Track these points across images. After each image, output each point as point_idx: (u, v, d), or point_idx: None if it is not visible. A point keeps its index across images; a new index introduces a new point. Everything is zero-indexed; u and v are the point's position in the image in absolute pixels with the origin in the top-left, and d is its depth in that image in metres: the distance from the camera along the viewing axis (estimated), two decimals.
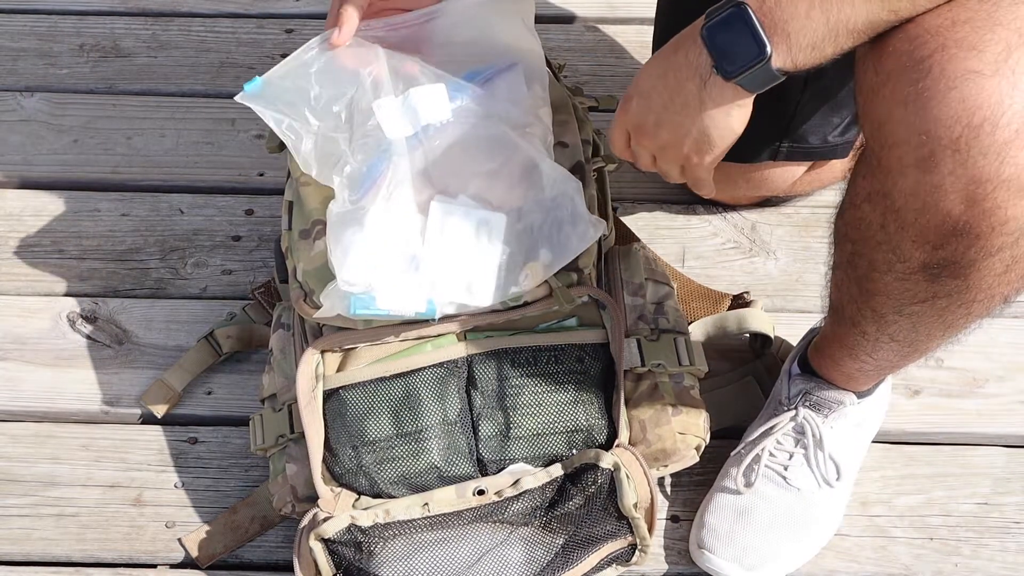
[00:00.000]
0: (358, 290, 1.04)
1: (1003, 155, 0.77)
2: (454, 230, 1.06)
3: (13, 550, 1.18)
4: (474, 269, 1.06)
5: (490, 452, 1.09)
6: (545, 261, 1.07)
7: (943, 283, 0.88)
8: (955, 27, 0.79)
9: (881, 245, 0.89)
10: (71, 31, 1.65)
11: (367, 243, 1.03)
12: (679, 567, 1.17)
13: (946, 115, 0.78)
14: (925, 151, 0.80)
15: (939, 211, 0.81)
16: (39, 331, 1.33)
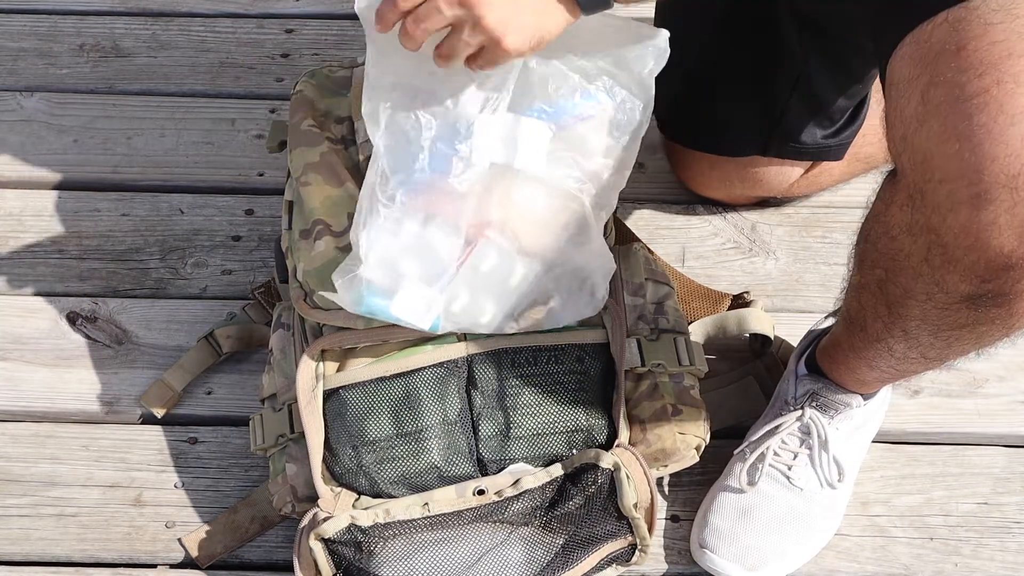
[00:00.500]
0: (377, 285, 1.03)
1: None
2: (490, 270, 1.05)
3: (13, 550, 1.18)
4: (491, 307, 1.06)
5: (490, 452, 1.09)
6: (550, 311, 1.08)
7: (986, 311, 0.86)
8: (1012, 59, 0.77)
9: (922, 277, 0.88)
10: (71, 31, 1.65)
11: (399, 245, 1.03)
12: (679, 567, 1.17)
13: (1004, 153, 0.77)
14: (980, 188, 0.78)
15: (991, 248, 0.80)
16: (39, 331, 1.33)
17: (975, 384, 1.29)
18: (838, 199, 1.44)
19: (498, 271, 1.05)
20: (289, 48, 1.64)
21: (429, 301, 1.05)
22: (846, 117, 1.28)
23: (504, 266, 1.05)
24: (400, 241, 1.03)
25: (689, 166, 1.41)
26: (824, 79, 1.22)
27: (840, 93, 1.24)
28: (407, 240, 1.03)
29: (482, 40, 0.88)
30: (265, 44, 1.64)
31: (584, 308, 1.10)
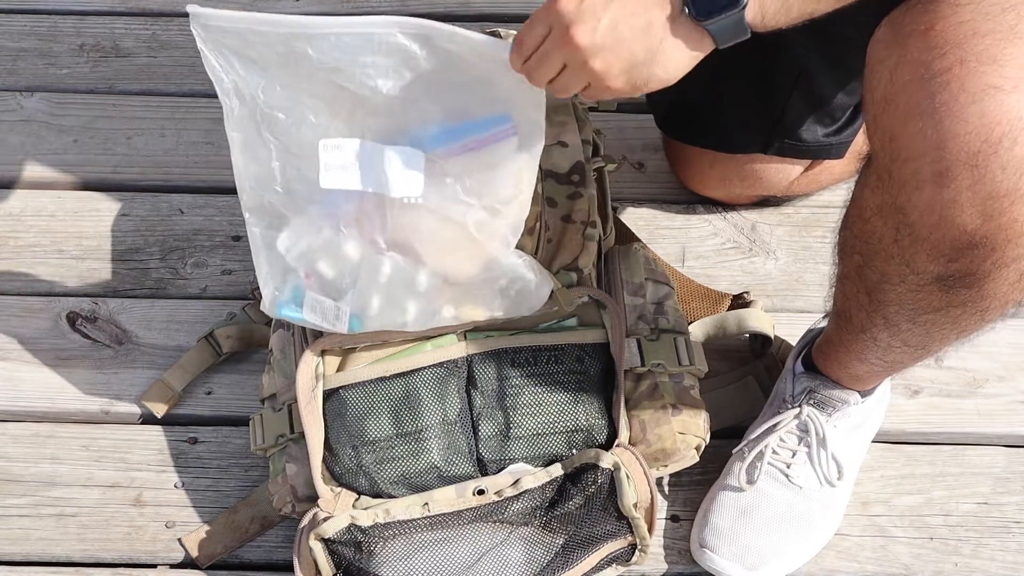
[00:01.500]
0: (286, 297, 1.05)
1: (1021, 170, 0.77)
2: (389, 279, 1.04)
3: (13, 550, 1.18)
4: (412, 306, 1.06)
5: (490, 452, 1.09)
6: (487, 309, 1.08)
7: (957, 293, 0.87)
8: (976, 39, 0.78)
9: (893, 258, 0.89)
10: (71, 31, 1.65)
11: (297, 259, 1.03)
12: (679, 567, 1.17)
13: (964, 130, 0.77)
14: (942, 166, 0.79)
15: (955, 225, 0.81)
16: (39, 331, 1.33)
17: (975, 384, 1.29)
18: (838, 199, 1.44)
19: (399, 279, 1.04)
20: None
21: (335, 309, 1.05)
22: (847, 115, 1.28)
23: (404, 276, 1.04)
24: (298, 251, 1.03)
25: (689, 165, 1.41)
26: (825, 76, 1.23)
27: (841, 90, 1.24)
28: (306, 249, 1.03)
29: (589, 80, 0.87)
30: None
31: (522, 308, 1.09)
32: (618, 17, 0.83)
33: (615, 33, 0.83)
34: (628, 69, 0.85)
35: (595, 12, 0.83)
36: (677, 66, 0.86)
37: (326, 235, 1.02)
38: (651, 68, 0.85)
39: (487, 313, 1.08)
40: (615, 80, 0.86)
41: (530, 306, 1.09)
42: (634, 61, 0.84)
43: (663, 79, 0.86)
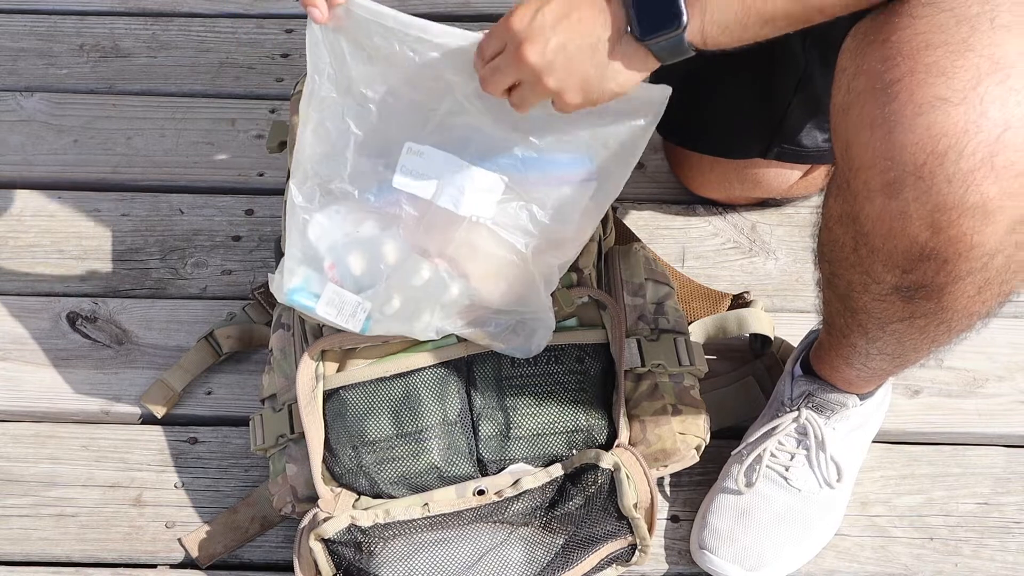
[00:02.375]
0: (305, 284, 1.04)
1: (967, 183, 0.77)
2: (423, 284, 1.05)
3: (13, 550, 1.18)
4: (426, 316, 1.06)
5: (490, 452, 1.09)
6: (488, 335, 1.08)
7: (918, 304, 0.88)
8: (928, 50, 0.78)
9: (855, 267, 0.89)
10: (71, 31, 1.65)
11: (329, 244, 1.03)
12: (679, 567, 1.16)
13: (911, 141, 0.77)
14: (890, 176, 0.79)
15: (905, 236, 0.81)
16: (39, 331, 1.33)
17: (975, 384, 1.29)
18: None
19: (431, 287, 1.05)
20: (289, 48, 1.64)
21: (356, 305, 1.05)
22: None
23: (437, 284, 1.05)
24: (330, 240, 1.03)
25: (689, 167, 1.41)
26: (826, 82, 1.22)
27: None
28: (339, 241, 1.03)
29: (546, 96, 0.89)
30: (265, 44, 1.64)
31: (516, 350, 1.09)
32: (566, 37, 0.85)
33: (564, 52, 0.85)
34: (582, 86, 0.87)
35: (544, 32, 0.85)
36: (628, 79, 0.88)
37: (368, 230, 1.03)
38: (603, 83, 0.87)
39: (489, 341, 1.09)
40: (572, 96, 0.88)
41: (527, 351, 1.09)
42: (586, 78, 0.87)
43: (617, 92, 0.88)
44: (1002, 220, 0.78)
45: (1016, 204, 0.77)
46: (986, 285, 0.85)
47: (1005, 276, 0.84)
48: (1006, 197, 0.77)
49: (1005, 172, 0.76)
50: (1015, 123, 0.76)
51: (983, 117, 0.76)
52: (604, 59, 0.86)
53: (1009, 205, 0.77)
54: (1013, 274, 0.85)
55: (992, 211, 0.77)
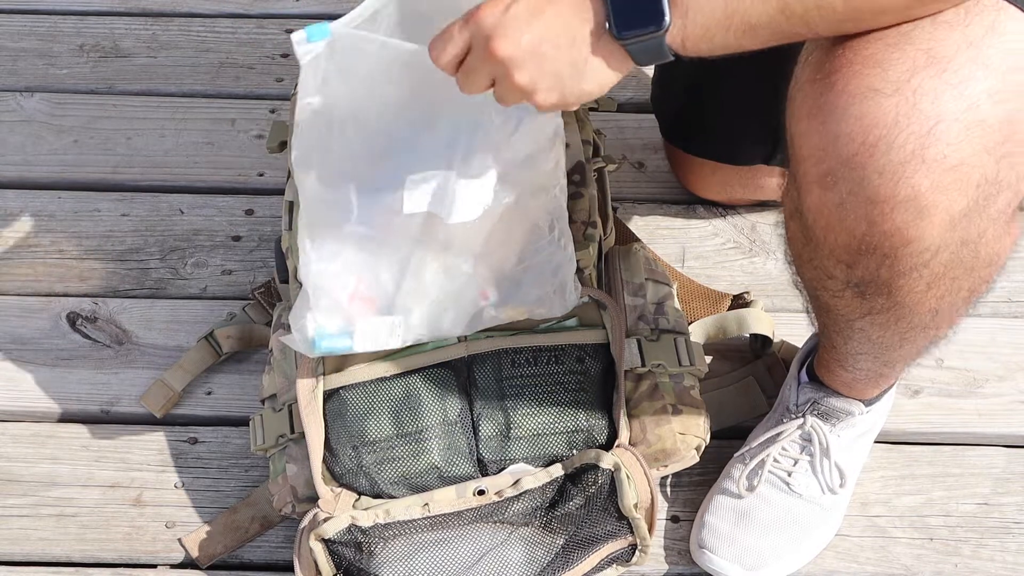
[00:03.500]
0: (332, 330, 1.03)
1: (898, 176, 0.76)
2: (430, 270, 1.05)
3: (13, 550, 1.18)
4: (447, 304, 1.06)
5: (490, 452, 1.09)
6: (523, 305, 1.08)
7: (872, 300, 0.87)
8: (867, 43, 0.77)
9: (809, 263, 0.89)
10: (71, 31, 1.65)
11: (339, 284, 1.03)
12: (679, 567, 1.16)
13: (843, 131, 0.77)
14: (824, 167, 0.79)
15: (843, 230, 0.81)
16: (39, 331, 1.33)
17: (975, 384, 1.29)
18: None
19: (440, 275, 1.04)
20: (289, 48, 1.61)
21: (389, 325, 1.05)
22: None
23: (444, 261, 1.04)
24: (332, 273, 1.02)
25: (691, 170, 1.41)
26: None
27: None
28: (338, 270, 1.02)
29: (518, 94, 0.84)
30: (265, 44, 1.64)
31: (555, 307, 1.08)
32: (541, 32, 0.80)
33: (538, 48, 0.80)
34: (556, 85, 0.82)
35: (517, 25, 0.80)
36: (604, 80, 0.83)
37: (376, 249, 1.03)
38: (579, 83, 0.82)
39: (526, 312, 1.08)
40: (544, 95, 0.83)
41: (564, 305, 1.08)
42: (560, 76, 0.82)
43: (592, 92, 0.83)
44: (938, 215, 0.77)
45: (950, 199, 0.76)
46: (935, 281, 0.83)
47: (956, 273, 0.83)
48: (938, 191, 0.76)
49: (937, 166, 0.75)
50: (948, 117, 0.75)
51: (914, 109, 0.75)
52: (581, 57, 0.81)
53: (943, 200, 0.76)
54: (967, 271, 0.84)
55: (926, 206, 0.76)
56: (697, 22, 0.78)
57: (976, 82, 0.75)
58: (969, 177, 0.76)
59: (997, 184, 0.77)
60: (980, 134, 0.75)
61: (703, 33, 0.79)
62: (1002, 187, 0.78)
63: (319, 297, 1.03)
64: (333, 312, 1.04)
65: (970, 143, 0.75)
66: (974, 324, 1.32)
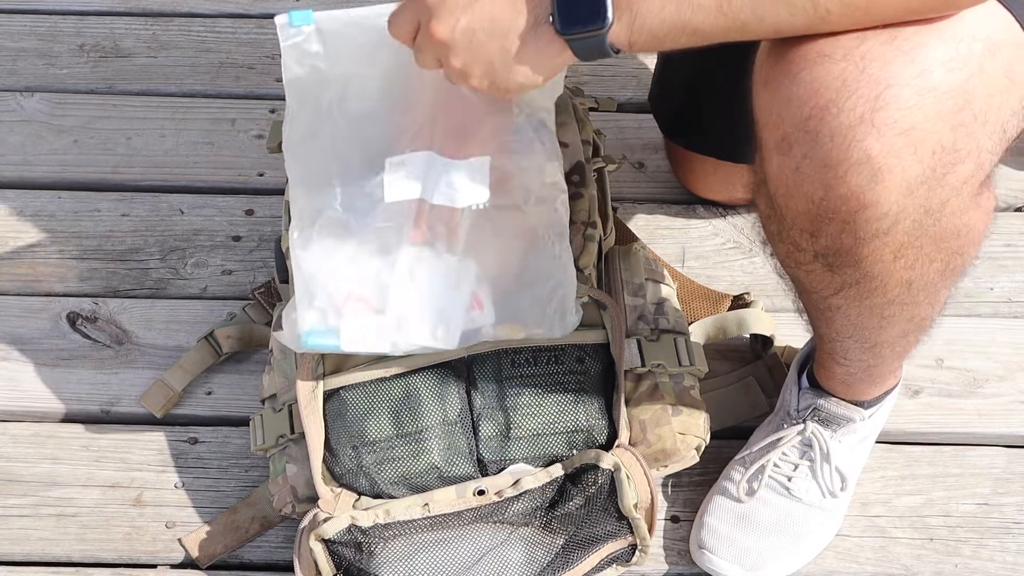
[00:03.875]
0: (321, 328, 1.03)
1: (849, 139, 0.76)
2: (423, 276, 1.04)
3: (13, 550, 1.18)
4: (441, 315, 1.05)
5: (490, 452, 1.09)
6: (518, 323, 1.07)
7: (842, 272, 0.87)
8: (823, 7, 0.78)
9: (778, 237, 0.89)
10: (71, 31, 1.65)
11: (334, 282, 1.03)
12: (679, 567, 1.17)
13: (796, 95, 0.77)
14: (780, 132, 0.79)
15: (802, 195, 0.81)
16: (39, 331, 1.33)
17: (975, 384, 1.29)
18: None
19: (431, 276, 1.04)
20: None
21: (377, 327, 1.04)
22: None
23: (437, 271, 1.04)
24: (328, 270, 1.02)
25: (691, 169, 1.41)
26: None
27: None
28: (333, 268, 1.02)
29: (456, 76, 0.86)
30: (265, 44, 1.64)
31: (552, 327, 1.07)
32: (477, 18, 0.81)
33: (471, 36, 0.82)
34: (487, 71, 0.83)
35: (454, 10, 0.81)
36: (539, 72, 0.83)
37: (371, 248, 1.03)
38: (509, 72, 0.83)
39: (524, 330, 1.07)
40: (477, 80, 0.84)
41: (565, 325, 1.07)
42: (491, 63, 0.83)
43: (525, 84, 0.84)
44: (893, 179, 0.77)
45: (904, 164, 0.76)
46: (901, 250, 0.83)
47: (922, 243, 0.83)
48: (890, 155, 0.76)
49: (887, 130, 0.75)
50: (898, 82, 0.75)
51: (863, 74, 0.75)
52: (512, 47, 0.82)
53: (896, 164, 0.76)
54: (933, 242, 0.84)
55: (879, 169, 0.76)
56: (645, 26, 0.79)
57: (928, 49, 0.76)
58: (923, 142, 0.76)
59: (955, 152, 0.77)
60: (932, 100, 0.75)
61: (650, 38, 0.79)
62: (961, 156, 0.78)
63: (313, 294, 1.03)
64: (326, 310, 1.04)
65: (921, 109, 0.75)
66: (974, 324, 1.33)
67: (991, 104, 0.78)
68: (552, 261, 1.06)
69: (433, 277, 1.04)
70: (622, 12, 0.78)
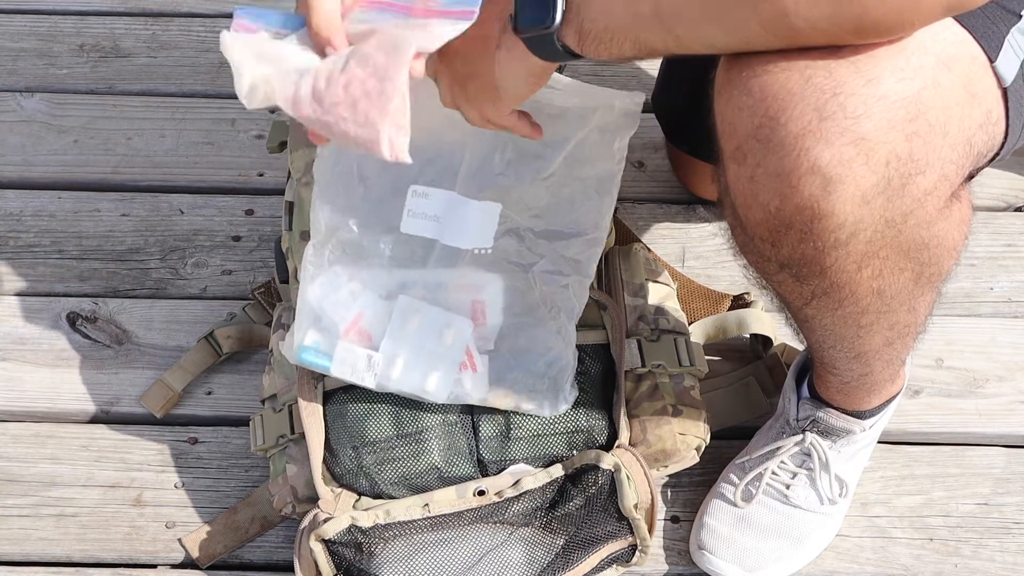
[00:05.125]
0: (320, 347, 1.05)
1: (798, 148, 0.75)
2: (416, 328, 1.06)
3: (13, 550, 1.18)
4: (431, 365, 1.06)
5: (490, 453, 1.09)
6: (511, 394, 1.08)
7: (809, 282, 0.86)
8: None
9: (744, 247, 0.88)
10: (71, 31, 1.65)
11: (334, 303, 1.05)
12: (679, 568, 1.17)
13: (747, 104, 0.77)
14: (735, 141, 0.79)
15: (759, 205, 0.80)
16: (39, 331, 1.33)
17: (975, 384, 1.29)
18: None
19: (424, 330, 1.06)
20: None
21: (367, 358, 1.05)
22: None
23: (430, 325, 1.06)
24: (336, 299, 1.04)
25: (692, 170, 1.41)
26: None
27: None
28: (342, 298, 1.04)
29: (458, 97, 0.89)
30: None
31: (545, 407, 1.08)
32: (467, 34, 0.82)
33: (464, 51, 0.85)
34: (479, 86, 0.86)
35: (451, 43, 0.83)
36: (515, 78, 0.86)
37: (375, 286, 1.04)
38: (495, 80, 0.86)
39: (514, 403, 1.08)
40: (473, 97, 0.88)
41: (555, 405, 1.08)
42: (478, 75, 0.86)
43: (511, 91, 0.87)
44: (846, 190, 0.76)
45: (857, 173, 0.76)
46: (865, 260, 0.82)
47: (886, 253, 0.82)
48: (841, 165, 0.75)
49: (836, 139, 0.75)
50: (843, 90, 0.74)
51: (808, 83, 0.75)
52: (491, 53, 0.85)
53: (847, 174, 0.76)
54: (900, 253, 0.83)
55: (831, 178, 0.76)
56: (592, 30, 0.80)
57: (876, 59, 0.75)
58: (874, 152, 0.75)
59: (912, 162, 0.76)
60: (882, 109, 0.75)
61: (597, 43, 0.80)
62: (920, 167, 0.77)
63: (318, 316, 1.05)
64: (327, 331, 1.05)
65: (871, 118, 0.74)
66: (974, 324, 1.33)
67: (950, 115, 0.77)
68: (549, 333, 1.07)
69: (428, 328, 1.06)
70: (571, 15, 0.80)
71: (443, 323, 1.06)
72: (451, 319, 1.06)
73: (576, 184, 1.04)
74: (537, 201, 1.05)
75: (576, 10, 0.80)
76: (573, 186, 1.04)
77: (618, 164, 1.04)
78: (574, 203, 1.05)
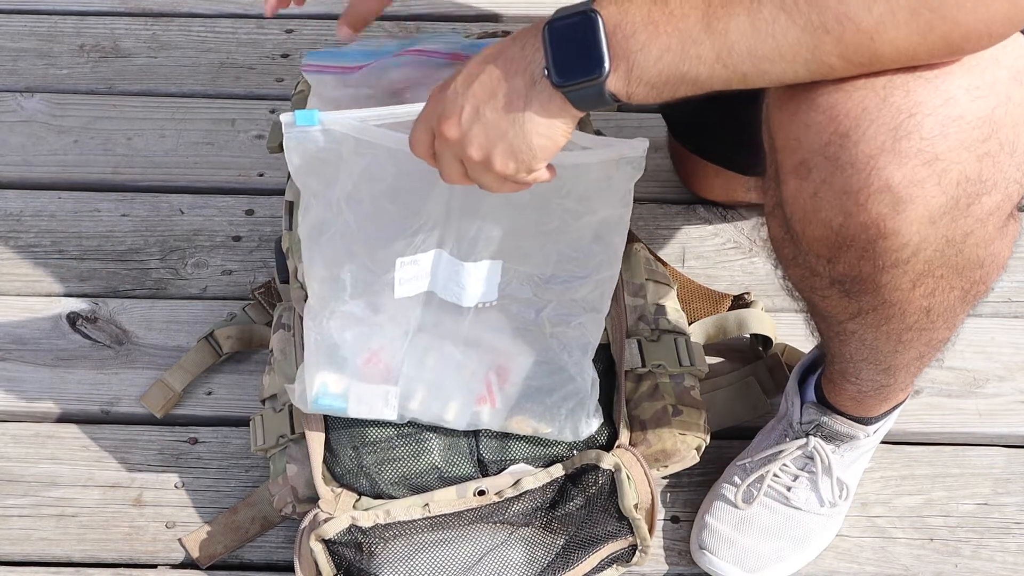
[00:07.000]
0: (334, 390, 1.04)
1: (870, 167, 0.75)
2: (436, 363, 1.05)
3: (13, 550, 1.18)
4: (451, 398, 1.06)
5: (491, 452, 1.09)
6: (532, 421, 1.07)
7: (859, 299, 0.86)
8: None
9: (793, 262, 0.88)
10: (71, 31, 1.65)
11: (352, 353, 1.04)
12: (679, 568, 1.17)
13: (815, 120, 0.76)
14: (799, 157, 0.78)
15: (820, 221, 0.80)
16: (39, 331, 1.33)
17: (975, 384, 1.29)
18: None
19: (446, 364, 1.05)
20: (289, 48, 1.64)
21: (384, 395, 1.05)
22: None
23: (448, 361, 1.05)
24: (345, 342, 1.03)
25: (694, 171, 1.40)
26: None
27: None
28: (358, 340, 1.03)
29: (482, 173, 0.82)
30: (265, 44, 1.64)
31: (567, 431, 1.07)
32: (478, 98, 0.78)
33: (478, 116, 0.78)
34: (506, 150, 0.79)
35: (456, 100, 0.79)
36: (549, 132, 0.79)
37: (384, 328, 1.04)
38: (526, 138, 0.79)
39: (533, 428, 1.07)
40: (500, 163, 0.80)
41: (576, 431, 1.07)
42: (506, 135, 0.79)
43: (544, 146, 0.80)
44: (916, 210, 0.76)
45: (927, 194, 0.75)
46: (920, 279, 0.82)
47: (942, 272, 0.82)
48: (913, 185, 0.75)
49: (910, 159, 0.74)
50: (920, 110, 0.74)
51: (884, 103, 0.74)
52: (520, 111, 0.78)
53: (918, 194, 0.75)
54: (955, 272, 0.83)
55: (902, 198, 0.75)
56: (643, 78, 0.76)
57: (952, 76, 0.74)
58: (947, 173, 0.75)
59: (981, 183, 0.76)
60: (957, 130, 0.74)
61: (648, 88, 0.76)
62: (987, 187, 0.77)
63: (330, 360, 1.04)
64: (341, 373, 1.04)
65: (946, 138, 0.74)
66: (974, 324, 1.32)
67: (1019, 133, 0.76)
68: (571, 374, 1.06)
69: (445, 365, 1.05)
70: (619, 62, 0.75)
71: (463, 360, 1.05)
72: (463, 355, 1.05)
73: (583, 231, 1.01)
74: (541, 251, 1.02)
75: (623, 56, 0.75)
76: (579, 233, 1.01)
77: (625, 208, 1.00)
78: (580, 250, 1.02)
